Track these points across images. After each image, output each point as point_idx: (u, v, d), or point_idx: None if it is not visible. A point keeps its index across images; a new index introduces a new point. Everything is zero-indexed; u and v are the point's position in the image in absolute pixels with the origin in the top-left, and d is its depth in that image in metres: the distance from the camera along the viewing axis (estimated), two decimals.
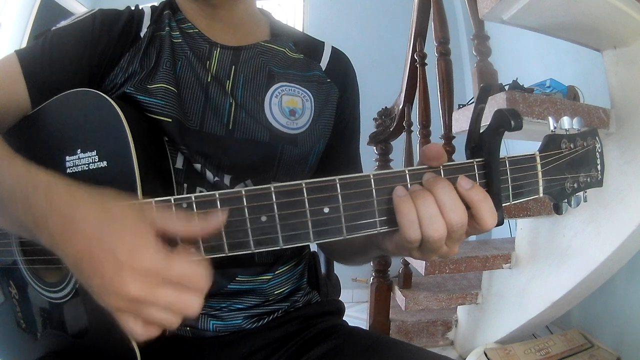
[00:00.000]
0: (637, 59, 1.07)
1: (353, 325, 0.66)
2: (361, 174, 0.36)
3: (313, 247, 0.74)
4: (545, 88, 1.21)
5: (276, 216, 0.35)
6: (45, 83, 0.54)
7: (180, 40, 0.59)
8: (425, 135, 1.54)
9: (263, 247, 0.35)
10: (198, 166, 0.55)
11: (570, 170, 0.41)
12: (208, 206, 0.36)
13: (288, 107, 0.61)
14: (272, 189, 0.35)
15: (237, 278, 0.59)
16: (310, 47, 0.68)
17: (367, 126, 1.74)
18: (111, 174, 0.46)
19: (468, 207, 0.37)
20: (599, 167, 0.43)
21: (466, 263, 1.33)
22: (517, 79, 1.22)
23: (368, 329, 1.33)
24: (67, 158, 0.48)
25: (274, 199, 0.35)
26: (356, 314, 2.37)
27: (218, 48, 0.61)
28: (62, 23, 0.59)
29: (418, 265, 1.38)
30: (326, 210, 0.35)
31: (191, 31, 0.61)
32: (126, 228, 0.33)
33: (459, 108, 1.28)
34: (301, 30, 2.95)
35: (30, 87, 0.54)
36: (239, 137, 0.58)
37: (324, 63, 0.67)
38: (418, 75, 1.61)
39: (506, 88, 1.16)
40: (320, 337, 0.61)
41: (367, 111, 1.06)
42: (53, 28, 0.58)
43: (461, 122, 1.21)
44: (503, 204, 0.38)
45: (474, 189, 0.37)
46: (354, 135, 0.72)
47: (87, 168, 0.47)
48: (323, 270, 0.77)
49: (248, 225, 0.35)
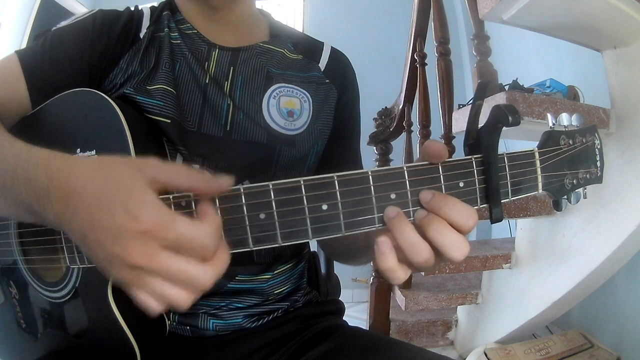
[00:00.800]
0: (637, 59, 1.07)
1: (353, 325, 0.66)
2: (359, 171, 0.36)
3: (313, 247, 0.74)
4: (545, 88, 1.22)
5: (275, 213, 0.35)
6: (45, 83, 0.54)
7: (179, 41, 0.59)
8: (425, 135, 1.54)
9: (262, 245, 0.35)
10: (196, 167, 0.55)
11: (569, 166, 0.41)
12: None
13: (286, 108, 0.61)
14: (271, 187, 0.35)
15: (237, 277, 0.59)
16: (309, 48, 0.68)
17: (367, 126, 1.74)
18: None
19: (440, 215, 0.36)
20: (599, 164, 0.43)
21: (466, 263, 1.33)
22: (517, 79, 1.22)
23: (368, 329, 1.33)
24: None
25: (273, 197, 0.35)
26: (356, 314, 2.37)
27: (217, 49, 0.61)
28: (63, 23, 0.59)
29: None
30: (324, 207, 0.35)
31: (190, 32, 0.61)
32: (124, 188, 0.31)
33: (459, 108, 1.28)
34: (301, 30, 2.96)
35: (30, 87, 0.54)
36: (237, 139, 0.58)
37: (323, 64, 0.67)
38: (418, 75, 1.61)
39: (506, 88, 1.16)
40: (320, 337, 0.61)
41: (367, 111, 1.06)
42: (53, 28, 0.58)
43: (461, 122, 1.21)
44: (502, 200, 0.38)
45: (434, 198, 0.36)
46: (354, 135, 0.72)
47: None
48: (323, 270, 0.77)
49: (247, 222, 0.35)
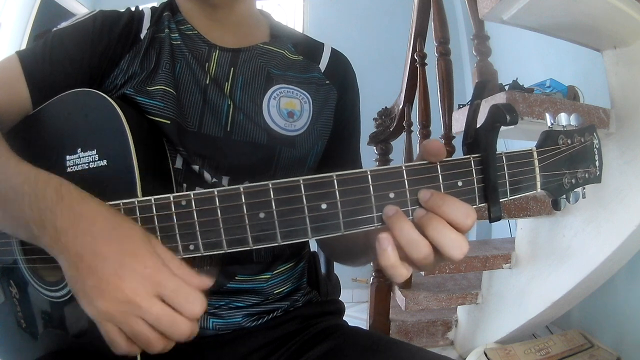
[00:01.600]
0: (637, 59, 1.07)
1: (353, 325, 0.66)
2: (358, 170, 0.36)
3: (313, 247, 0.74)
4: (545, 88, 1.22)
5: (274, 212, 0.35)
6: (45, 83, 0.54)
7: (179, 42, 0.59)
8: (425, 135, 1.55)
9: (261, 244, 0.35)
10: (196, 167, 0.56)
11: (568, 166, 0.41)
12: (207, 203, 0.36)
13: (286, 109, 0.61)
14: (270, 186, 0.35)
15: (237, 277, 0.59)
16: (309, 49, 0.68)
17: (367, 126, 1.74)
18: (111, 173, 0.47)
19: (439, 215, 0.36)
20: (597, 163, 0.43)
21: (466, 263, 1.33)
22: (517, 79, 1.22)
23: (368, 329, 1.33)
24: (68, 157, 0.49)
25: (272, 196, 0.35)
26: (356, 314, 2.37)
27: (217, 50, 0.61)
28: (63, 24, 0.59)
29: None
30: (324, 206, 0.35)
31: (190, 33, 0.61)
32: (135, 236, 0.34)
33: (459, 108, 1.28)
34: (301, 30, 2.96)
35: (31, 88, 0.54)
36: (237, 139, 0.58)
37: (323, 65, 0.67)
38: (418, 75, 1.61)
39: (506, 88, 1.16)
40: (320, 337, 0.61)
41: (367, 111, 1.06)
42: (54, 29, 0.58)
43: (461, 122, 1.22)
44: (500, 199, 0.38)
45: (433, 197, 0.36)
46: (354, 136, 0.72)
47: (87, 167, 0.48)
48: (323, 270, 0.77)
49: (246, 221, 0.35)
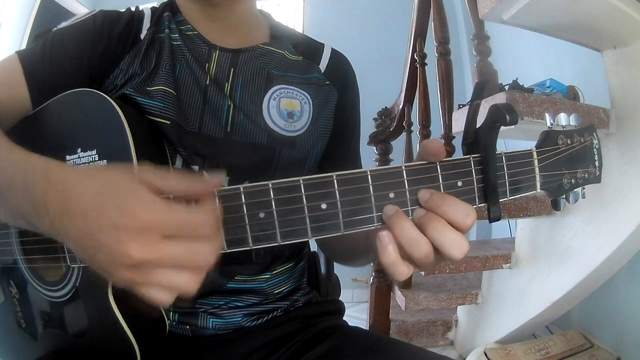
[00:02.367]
0: (637, 59, 1.07)
1: (353, 325, 0.66)
2: (358, 170, 0.36)
3: (313, 247, 0.74)
4: (545, 88, 1.22)
5: (274, 212, 0.35)
6: (45, 83, 0.54)
7: (179, 42, 0.59)
8: (425, 135, 1.55)
9: (261, 244, 0.35)
10: (196, 168, 0.56)
11: (567, 166, 0.41)
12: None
13: (286, 110, 0.61)
14: (270, 186, 0.35)
15: (236, 277, 0.59)
16: (309, 49, 0.68)
17: (367, 126, 1.74)
18: None
19: (438, 214, 0.36)
20: (597, 163, 0.43)
21: (466, 263, 1.33)
22: (517, 79, 1.23)
23: (368, 329, 1.33)
24: (67, 157, 0.49)
25: (272, 196, 0.35)
26: (356, 314, 2.37)
27: (217, 50, 0.61)
28: (63, 24, 0.59)
29: None
30: (324, 206, 0.35)
31: (190, 33, 0.61)
32: (120, 192, 0.32)
33: (459, 108, 1.28)
34: (301, 30, 2.96)
35: (31, 88, 0.54)
36: (237, 140, 0.58)
37: (323, 65, 0.67)
38: (418, 75, 1.61)
39: (506, 88, 1.16)
40: (320, 337, 0.61)
41: (367, 111, 1.06)
42: (54, 29, 0.58)
43: (461, 122, 1.22)
44: (500, 199, 0.38)
45: (433, 196, 0.36)
46: (354, 136, 0.72)
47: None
48: (323, 270, 0.77)
49: (246, 221, 0.35)
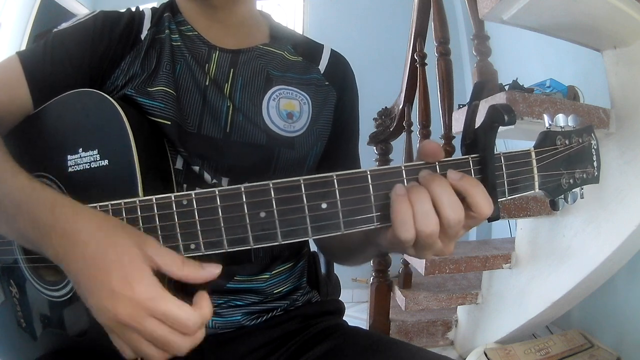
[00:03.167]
0: (637, 59, 1.07)
1: (353, 325, 0.67)
2: (358, 170, 0.36)
3: (313, 247, 0.74)
4: (545, 88, 1.22)
5: (275, 212, 0.35)
6: (46, 84, 0.54)
7: (179, 43, 0.59)
8: (425, 135, 1.55)
9: (262, 243, 0.36)
10: (196, 168, 0.56)
11: (566, 166, 0.41)
12: (208, 203, 0.36)
13: (286, 110, 0.62)
14: (271, 185, 0.35)
15: (236, 277, 0.59)
16: (309, 50, 0.68)
17: (367, 126, 1.75)
18: (112, 173, 0.47)
19: (463, 198, 0.37)
20: (595, 164, 0.43)
21: (466, 263, 1.34)
22: (517, 79, 1.23)
23: (368, 329, 1.34)
24: (69, 157, 0.49)
25: (273, 195, 0.35)
26: (356, 314, 2.37)
27: (217, 51, 0.61)
28: (64, 25, 0.59)
29: (418, 265, 1.38)
30: (324, 205, 0.35)
31: (190, 34, 0.61)
32: (125, 257, 0.35)
33: (459, 108, 1.28)
34: (301, 30, 2.96)
35: (32, 88, 0.54)
36: (236, 140, 0.58)
37: (323, 66, 0.68)
38: (418, 75, 1.61)
39: (506, 88, 1.16)
40: (320, 337, 0.61)
41: (367, 111, 1.06)
42: (54, 30, 0.58)
43: (461, 122, 1.20)
44: (499, 199, 0.38)
45: (464, 178, 0.37)
46: (353, 137, 0.72)
47: (89, 167, 0.48)
48: (323, 270, 0.78)
49: (247, 221, 0.35)
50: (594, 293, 1.28)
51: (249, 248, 0.37)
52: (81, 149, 0.48)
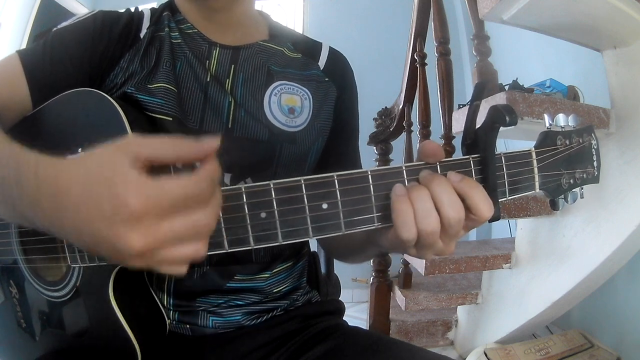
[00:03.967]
0: (637, 59, 1.07)
1: (353, 325, 0.67)
2: (359, 170, 0.36)
3: (313, 247, 0.74)
4: (545, 88, 1.22)
5: (275, 212, 0.35)
6: (46, 83, 0.54)
7: (179, 40, 0.60)
8: (425, 135, 1.55)
9: (263, 243, 0.36)
10: (197, 164, 0.56)
11: (566, 166, 0.41)
12: None
13: (287, 105, 0.62)
14: (272, 186, 0.35)
15: (236, 277, 0.59)
16: (308, 47, 0.69)
17: (367, 126, 1.75)
18: None
19: (463, 200, 0.37)
20: (595, 164, 0.43)
21: (466, 263, 1.34)
22: (517, 79, 1.23)
23: (368, 329, 1.34)
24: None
25: (273, 195, 0.35)
26: (356, 314, 2.37)
27: (217, 47, 0.61)
28: (63, 24, 0.59)
29: (418, 265, 1.38)
30: (325, 206, 0.35)
31: (190, 31, 0.61)
32: (107, 179, 0.30)
33: (459, 108, 1.28)
34: (301, 30, 2.96)
35: (31, 87, 0.54)
36: (239, 136, 0.58)
37: (322, 62, 0.68)
38: (418, 75, 1.61)
39: (506, 88, 1.16)
40: (320, 337, 0.61)
41: (367, 111, 1.06)
42: (54, 29, 0.58)
43: (461, 122, 1.22)
44: (499, 199, 0.38)
45: (464, 180, 0.37)
46: (353, 135, 0.72)
47: None
48: (323, 270, 0.78)
49: (248, 221, 0.35)
50: (594, 293, 1.28)
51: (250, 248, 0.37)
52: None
